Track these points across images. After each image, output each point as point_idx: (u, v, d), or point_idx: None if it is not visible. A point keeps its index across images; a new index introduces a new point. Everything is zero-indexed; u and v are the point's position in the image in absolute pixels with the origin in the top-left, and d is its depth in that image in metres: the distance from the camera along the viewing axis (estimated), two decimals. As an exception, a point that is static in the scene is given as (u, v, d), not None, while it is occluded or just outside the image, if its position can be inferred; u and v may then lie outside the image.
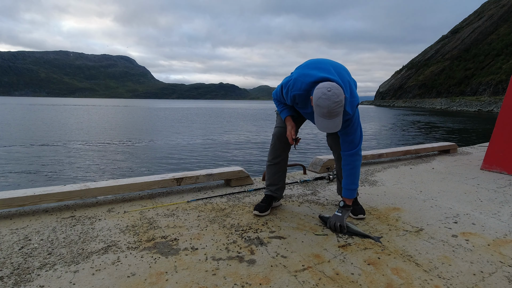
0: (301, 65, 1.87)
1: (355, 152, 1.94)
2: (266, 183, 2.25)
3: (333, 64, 1.83)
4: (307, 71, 1.78)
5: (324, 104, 1.60)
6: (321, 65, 1.78)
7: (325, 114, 1.62)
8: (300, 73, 1.80)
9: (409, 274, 1.43)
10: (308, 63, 1.85)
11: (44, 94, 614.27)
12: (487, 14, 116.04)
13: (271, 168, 2.20)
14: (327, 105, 1.59)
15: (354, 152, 1.93)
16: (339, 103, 1.60)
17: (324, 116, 1.63)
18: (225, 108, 78.16)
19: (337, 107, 1.60)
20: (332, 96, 1.58)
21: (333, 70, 1.76)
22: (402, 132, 19.60)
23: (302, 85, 1.77)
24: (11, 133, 15.63)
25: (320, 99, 1.60)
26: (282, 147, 2.13)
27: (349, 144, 1.93)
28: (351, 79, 1.86)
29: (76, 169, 8.07)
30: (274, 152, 2.16)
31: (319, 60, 1.84)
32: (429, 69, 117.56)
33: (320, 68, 1.76)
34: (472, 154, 4.46)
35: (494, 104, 57.20)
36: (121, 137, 14.87)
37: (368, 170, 3.43)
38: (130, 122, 25.16)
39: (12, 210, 2.16)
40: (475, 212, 2.21)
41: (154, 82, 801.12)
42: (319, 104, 1.61)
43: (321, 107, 1.61)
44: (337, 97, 1.59)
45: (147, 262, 1.52)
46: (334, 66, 1.81)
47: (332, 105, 1.59)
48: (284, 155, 2.18)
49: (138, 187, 2.40)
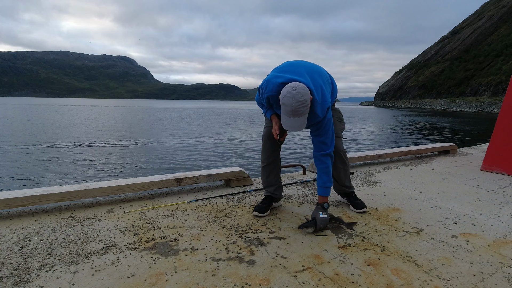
0: (277, 67, 1.93)
1: (328, 153, 1.95)
2: (263, 185, 2.26)
3: (308, 66, 1.87)
4: (279, 73, 1.83)
5: (288, 102, 1.65)
6: (294, 68, 1.84)
7: (289, 112, 1.67)
8: (273, 75, 1.86)
9: (409, 274, 1.43)
10: (282, 65, 1.91)
11: (44, 95, 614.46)
12: (487, 15, 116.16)
13: (266, 170, 2.22)
14: (291, 103, 1.64)
15: (326, 153, 1.95)
16: (303, 102, 1.64)
17: (289, 115, 1.68)
18: (225, 108, 78.19)
19: (301, 106, 1.64)
20: (296, 95, 1.63)
21: (305, 73, 1.81)
22: (402, 133, 19.60)
23: (274, 86, 1.81)
24: (11, 133, 15.62)
25: (285, 97, 1.66)
26: (272, 146, 2.16)
27: (321, 145, 1.94)
28: (325, 82, 1.90)
29: (76, 170, 8.07)
30: (265, 152, 2.18)
31: (294, 63, 1.90)
32: (429, 70, 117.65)
33: (292, 71, 1.81)
34: (472, 154, 4.46)
35: (494, 105, 57.22)
36: (121, 138, 14.87)
37: (368, 171, 3.43)
38: (130, 123, 25.16)
39: (12, 211, 2.16)
40: (475, 213, 2.21)
41: (154, 83, 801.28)
42: (284, 102, 1.67)
43: (286, 105, 1.66)
44: (302, 97, 1.64)
45: (146, 263, 1.52)
46: (308, 68, 1.86)
47: (296, 104, 1.63)
48: (275, 155, 2.20)
49: (138, 187, 2.40)
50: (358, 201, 2.25)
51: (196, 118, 33.44)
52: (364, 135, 17.44)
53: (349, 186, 2.31)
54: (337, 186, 2.33)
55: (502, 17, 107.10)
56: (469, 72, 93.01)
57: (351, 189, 2.32)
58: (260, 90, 1.96)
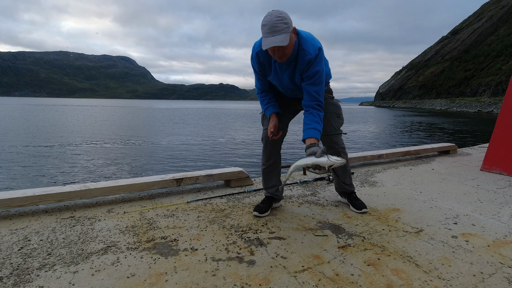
0: None
1: (318, 104, 1.88)
2: (263, 186, 2.26)
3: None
4: None
5: (266, 20, 1.64)
6: None
7: (268, 30, 1.63)
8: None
9: (409, 275, 1.43)
10: None
11: (44, 95, 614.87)
12: (487, 15, 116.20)
13: (266, 171, 2.22)
14: (269, 19, 1.63)
15: (317, 104, 1.87)
16: (283, 19, 1.63)
17: (268, 33, 1.64)
18: (225, 108, 78.17)
19: (280, 22, 1.62)
20: (275, 12, 1.64)
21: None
22: (402, 133, 19.60)
23: (260, 41, 1.80)
24: (11, 133, 15.62)
25: (264, 18, 1.66)
26: (273, 149, 2.15)
27: (312, 95, 1.86)
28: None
29: (76, 170, 8.07)
30: (266, 154, 2.17)
31: None
32: (429, 70, 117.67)
33: None
34: (472, 155, 4.46)
35: (494, 105, 57.24)
36: (121, 138, 14.87)
37: (368, 171, 3.42)
38: (130, 123, 25.16)
39: (12, 211, 2.16)
40: (475, 213, 2.21)
41: (154, 83, 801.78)
42: (263, 23, 1.65)
43: (264, 25, 1.65)
44: (280, 14, 1.64)
45: (146, 263, 1.52)
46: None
47: (274, 19, 1.62)
48: (275, 156, 2.19)
49: (138, 187, 2.40)
50: (359, 202, 2.24)
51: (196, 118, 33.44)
52: (364, 135, 17.44)
53: (350, 184, 2.30)
54: (337, 184, 2.33)
55: (502, 17, 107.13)
56: (469, 73, 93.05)
57: (352, 188, 2.31)
58: (251, 61, 1.97)
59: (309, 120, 1.86)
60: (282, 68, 1.89)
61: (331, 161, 1.66)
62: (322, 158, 1.67)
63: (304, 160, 1.74)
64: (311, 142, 1.80)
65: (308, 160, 1.71)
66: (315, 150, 1.72)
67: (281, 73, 1.92)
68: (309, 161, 1.70)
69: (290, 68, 1.87)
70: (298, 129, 2.12)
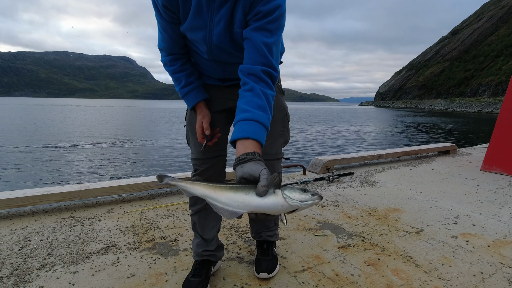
0: None
1: (267, 72, 1.02)
2: (195, 244, 1.40)
3: None
4: None
5: None
6: None
7: None
8: None
9: (409, 275, 1.43)
10: None
11: (44, 95, 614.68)
12: (486, 15, 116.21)
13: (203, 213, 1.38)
14: None
15: (265, 71, 1.01)
16: None
17: None
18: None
19: None
20: None
21: None
22: (402, 133, 19.60)
23: None
24: (11, 134, 15.63)
25: None
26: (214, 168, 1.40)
27: (260, 52, 1.00)
28: None
29: (76, 170, 8.07)
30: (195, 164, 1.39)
31: None
32: (429, 70, 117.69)
33: None
34: (472, 155, 4.46)
35: (494, 105, 57.28)
36: (121, 138, 14.87)
37: (368, 171, 3.42)
38: (130, 123, 25.17)
39: (12, 211, 2.15)
40: (475, 213, 2.21)
41: (154, 83, 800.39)
42: None
43: None
44: None
45: (146, 263, 1.52)
46: None
47: None
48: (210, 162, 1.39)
49: (138, 187, 2.40)
50: (269, 258, 1.43)
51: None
52: (364, 135, 17.44)
53: (274, 229, 1.50)
54: (255, 227, 1.50)
55: (502, 17, 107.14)
56: (469, 73, 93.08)
57: (275, 237, 1.51)
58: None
59: (246, 103, 1.00)
60: (214, 5, 1.04)
61: (291, 204, 0.78)
62: (272, 197, 0.80)
63: (228, 199, 0.85)
64: (249, 149, 0.92)
65: (239, 203, 0.82)
66: (254, 170, 0.85)
67: (209, 14, 1.06)
68: (244, 207, 0.81)
69: (228, 3, 1.03)
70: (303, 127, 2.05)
